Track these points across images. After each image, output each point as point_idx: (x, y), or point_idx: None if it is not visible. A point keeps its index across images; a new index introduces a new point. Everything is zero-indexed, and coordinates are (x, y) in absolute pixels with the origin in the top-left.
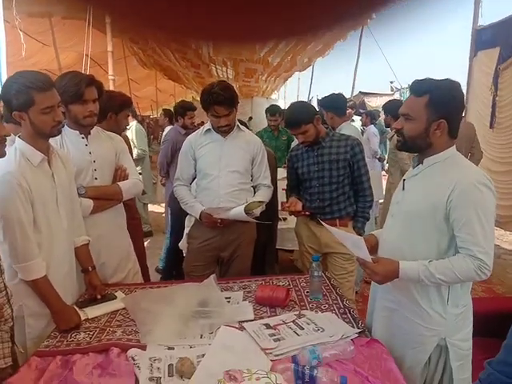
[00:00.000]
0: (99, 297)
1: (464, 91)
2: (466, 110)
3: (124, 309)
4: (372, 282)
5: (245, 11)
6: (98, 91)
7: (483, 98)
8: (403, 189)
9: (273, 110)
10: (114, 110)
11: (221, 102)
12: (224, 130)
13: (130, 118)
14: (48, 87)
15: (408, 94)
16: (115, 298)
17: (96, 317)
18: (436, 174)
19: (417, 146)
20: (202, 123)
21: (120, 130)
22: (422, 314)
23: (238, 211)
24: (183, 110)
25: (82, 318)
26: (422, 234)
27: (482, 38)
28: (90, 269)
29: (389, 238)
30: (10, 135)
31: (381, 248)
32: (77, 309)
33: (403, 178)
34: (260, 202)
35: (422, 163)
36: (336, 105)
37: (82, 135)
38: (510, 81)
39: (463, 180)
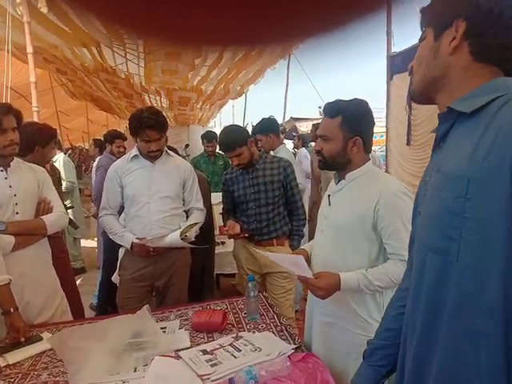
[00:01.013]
0: (23, 339)
1: (384, 113)
2: (387, 129)
3: (51, 350)
4: (308, 298)
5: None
6: (17, 120)
7: (400, 117)
8: (329, 204)
9: (209, 136)
10: (41, 143)
11: (152, 125)
12: (154, 156)
13: (54, 149)
14: None
15: None
16: (41, 339)
17: (18, 362)
18: (359, 187)
19: (337, 164)
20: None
21: (44, 162)
22: (362, 323)
23: (173, 238)
24: (112, 137)
25: (2, 364)
26: (352, 245)
27: (395, 63)
28: (11, 310)
29: (321, 253)
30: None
31: (314, 263)
32: None
33: (327, 193)
34: (193, 224)
35: (345, 178)
36: (274, 127)
37: (1, 168)
38: None
39: (386, 190)
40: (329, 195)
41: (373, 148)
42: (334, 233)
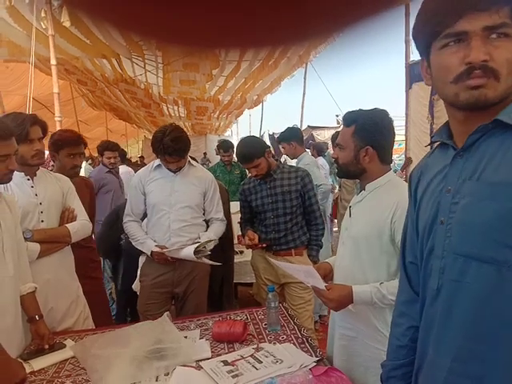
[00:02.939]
0: (47, 347)
1: (403, 121)
2: (406, 137)
3: (74, 357)
4: (331, 311)
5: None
6: (43, 130)
7: (421, 126)
8: (350, 215)
9: (225, 146)
10: (51, 149)
11: (171, 153)
12: (174, 171)
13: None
14: (7, 136)
15: None
16: (64, 346)
17: (43, 368)
18: (378, 198)
19: (351, 172)
20: (143, 158)
21: (65, 170)
22: (382, 338)
23: (187, 252)
24: (101, 149)
25: (28, 371)
26: (371, 258)
27: (415, 72)
28: (36, 318)
29: (341, 265)
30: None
31: (336, 275)
32: (22, 362)
33: (349, 204)
34: (208, 241)
35: (365, 189)
36: (296, 135)
37: (28, 177)
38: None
39: (402, 200)
40: (350, 206)
41: (393, 157)
42: (354, 245)
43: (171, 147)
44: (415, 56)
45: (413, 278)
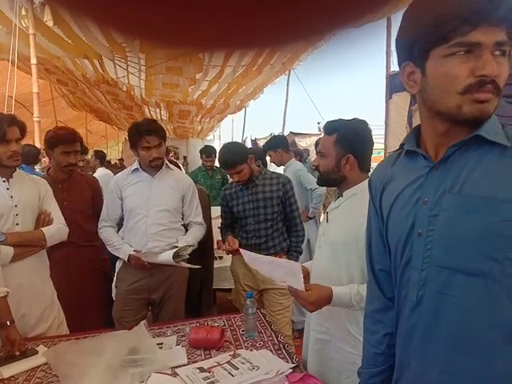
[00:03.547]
0: (18, 353)
1: (383, 130)
2: (385, 146)
3: (46, 364)
4: (307, 315)
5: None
6: (21, 131)
7: (400, 135)
8: (327, 221)
9: (208, 152)
10: (46, 146)
11: (151, 130)
12: (155, 165)
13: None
14: None
15: None
16: (36, 352)
17: (13, 376)
18: (355, 205)
19: (332, 180)
20: (122, 160)
21: (59, 167)
22: (354, 342)
23: (165, 257)
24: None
25: None
26: (347, 261)
27: (395, 82)
28: (7, 323)
29: (317, 268)
30: None
31: (312, 275)
32: None
33: (326, 210)
34: (187, 246)
35: (342, 196)
36: (282, 142)
37: (4, 179)
38: None
39: None
40: (327, 212)
41: (372, 165)
42: (331, 249)
43: (151, 125)
44: (396, 67)
45: (384, 285)
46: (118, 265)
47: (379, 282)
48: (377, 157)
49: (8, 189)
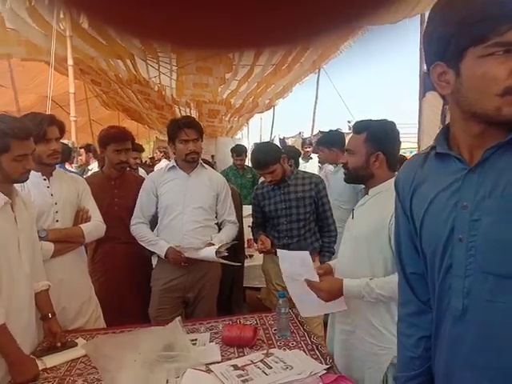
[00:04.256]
0: (59, 344)
1: (415, 129)
2: (418, 146)
3: (85, 356)
4: None
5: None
6: (60, 130)
7: (433, 135)
8: (352, 218)
9: (239, 151)
10: (100, 144)
11: (190, 123)
12: (191, 158)
13: (91, 158)
14: (26, 136)
15: None
16: (76, 345)
17: (55, 366)
18: (380, 202)
19: (360, 177)
20: (153, 159)
21: (113, 165)
22: (376, 333)
23: (207, 253)
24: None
25: (40, 367)
26: (369, 256)
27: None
28: (49, 315)
29: (341, 263)
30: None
31: (336, 271)
32: (35, 358)
33: (353, 208)
34: (229, 242)
35: (368, 194)
36: (340, 141)
37: (44, 177)
38: None
39: None
40: (353, 209)
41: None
42: (354, 244)
43: (189, 119)
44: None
45: (417, 288)
46: (153, 262)
47: (412, 284)
48: (409, 156)
49: (48, 187)
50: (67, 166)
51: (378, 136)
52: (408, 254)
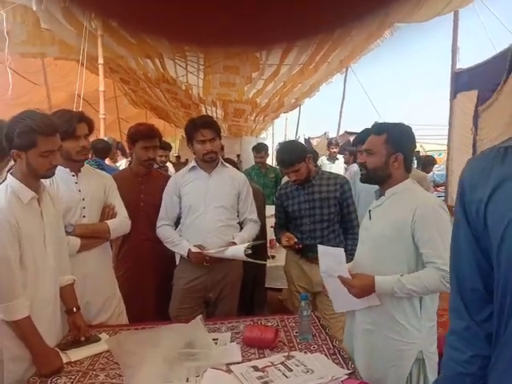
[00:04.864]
0: (83, 339)
1: (445, 130)
2: (448, 148)
3: (108, 351)
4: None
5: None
6: (89, 128)
7: (464, 137)
8: (370, 218)
9: (259, 148)
10: (128, 141)
11: (206, 122)
12: (210, 158)
13: (119, 156)
14: (52, 132)
15: None
16: (99, 339)
17: (79, 360)
18: (398, 202)
19: (378, 177)
20: (179, 157)
21: (141, 161)
22: (400, 329)
23: (235, 251)
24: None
25: (64, 360)
26: (392, 255)
27: (461, 81)
28: (74, 309)
29: (361, 262)
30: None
31: (354, 270)
32: (59, 351)
33: (369, 208)
34: (259, 242)
35: (384, 194)
36: None
37: (73, 173)
38: (489, 121)
39: (422, 204)
40: (369, 210)
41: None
42: (374, 244)
43: (205, 118)
44: (461, 64)
45: (472, 306)
46: (177, 260)
47: (466, 300)
48: (438, 158)
49: (76, 183)
50: (107, 162)
51: (398, 138)
52: (469, 269)
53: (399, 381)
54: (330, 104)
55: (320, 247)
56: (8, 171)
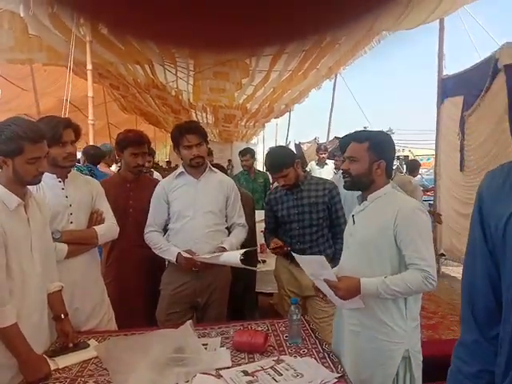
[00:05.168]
0: (71, 345)
1: (433, 135)
2: (437, 153)
3: (97, 357)
4: (337, 310)
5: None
6: (75, 134)
7: (452, 142)
8: (354, 223)
9: (244, 152)
10: (117, 148)
11: (191, 128)
12: (197, 163)
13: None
14: (39, 139)
15: None
16: (88, 346)
17: (67, 366)
18: (380, 206)
19: (362, 184)
20: (170, 163)
21: (130, 168)
22: (387, 330)
23: (229, 257)
24: None
25: (52, 367)
26: (376, 257)
27: (447, 87)
28: (62, 316)
29: (347, 266)
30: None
31: (341, 274)
32: (47, 358)
33: (352, 213)
34: (252, 248)
35: (367, 199)
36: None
37: (59, 179)
38: (476, 127)
39: (403, 207)
40: (353, 215)
41: (420, 171)
42: (359, 248)
43: (191, 124)
44: (448, 71)
45: (483, 322)
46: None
47: (477, 317)
48: (426, 163)
49: (63, 189)
50: (102, 167)
51: (380, 145)
52: (480, 283)
53: (386, 379)
54: (320, 110)
55: (297, 257)
56: None
